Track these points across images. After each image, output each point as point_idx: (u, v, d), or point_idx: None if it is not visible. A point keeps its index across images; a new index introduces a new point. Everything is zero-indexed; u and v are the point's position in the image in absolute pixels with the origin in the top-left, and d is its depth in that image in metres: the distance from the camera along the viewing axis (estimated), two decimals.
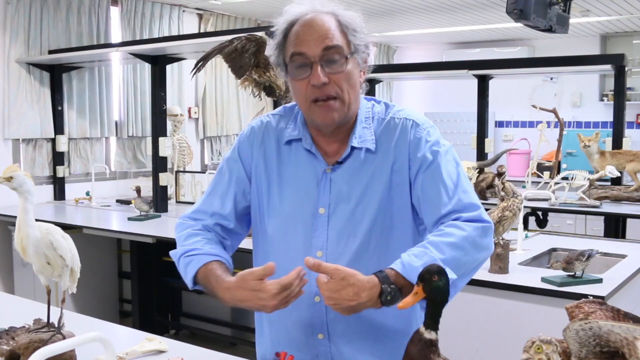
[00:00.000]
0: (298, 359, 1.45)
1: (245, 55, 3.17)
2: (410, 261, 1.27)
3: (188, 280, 1.48)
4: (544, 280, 2.49)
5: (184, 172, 5.04)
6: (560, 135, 4.97)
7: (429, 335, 1.12)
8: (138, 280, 4.32)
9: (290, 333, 1.48)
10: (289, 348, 1.46)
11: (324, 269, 1.25)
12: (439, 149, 1.42)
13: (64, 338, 1.56)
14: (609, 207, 4.40)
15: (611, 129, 4.85)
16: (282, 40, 1.38)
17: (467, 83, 5.65)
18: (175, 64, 5.38)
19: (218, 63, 6.01)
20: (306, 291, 1.39)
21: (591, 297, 1.19)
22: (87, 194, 5.01)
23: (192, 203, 4.74)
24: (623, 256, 2.98)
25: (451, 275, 1.22)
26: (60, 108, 4.94)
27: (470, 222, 1.35)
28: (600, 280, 2.50)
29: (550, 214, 4.88)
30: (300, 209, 1.43)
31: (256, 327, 1.59)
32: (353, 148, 1.42)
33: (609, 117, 5.48)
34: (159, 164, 4.49)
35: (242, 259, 1.78)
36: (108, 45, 4.96)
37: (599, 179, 4.54)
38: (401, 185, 1.40)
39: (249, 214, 1.54)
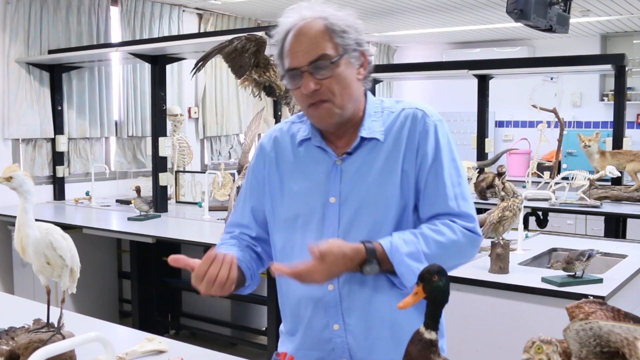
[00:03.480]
0: (315, 357, 1.47)
1: (245, 55, 3.17)
2: (399, 245, 1.35)
3: None
4: (544, 280, 2.49)
5: (184, 172, 5.05)
6: (561, 135, 4.98)
7: (429, 335, 1.12)
8: (138, 280, 4.32)
9: (307, 327, 1.49)
10: (301, 342, 1.49)
11: (322, 251, 1.31)
12: (445, 146, 1.45)
13: (64, 338, 1.56)
14: (609, 207, 4.40)
15: (611, 129, 4.85)
16: (280, 51, 1.45)
17: (467, 83, 5.66)
18: (175, 64, 5.38)
19: (218, 63, 6.01)
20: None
21: (591, 297, 1.19)
22: (87, 194, 5.01)
23: (192, 203, 4.81)
24: (623, 256, 2.98)
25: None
26: (60, 108, 4.94)
27: (465, 230, 1.40)
28: (600, 280, 2.50)
29: (550, 214, 4.88)
30: (311, 200, 1.46)
31: (283, 327, 1.60)
32: (362, 139, 1.45)
33: (609, 117, 5.48)
34: (159, 164, 4.49)
35: None
36: (108, 45, 4.96)
37: (599, 179, 4.54)
38: (409, 172, 1.43)
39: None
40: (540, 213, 4.78)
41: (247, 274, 1.51)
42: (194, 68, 3.38)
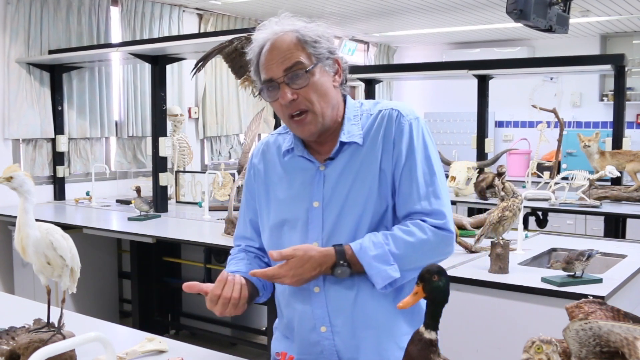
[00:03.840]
0: (305, 359, 1.49)
1: (245, 55, 3.17)
2: (367, 247, 1.39)
3: None
4: (544, 280, 2.49)
5: (184, 172, 5.05)
6: (560, 135, 4.98)
7: (429, 335, 1.12)
8: (138, 280, 4.32)
9: (296, 331, 1.52)
10: (295, 348, 1.51)
11: (285, 255, 1.38)
12: (419, 144, 1.46)
13: (64, 338, 1.57)
14: (609, 207, 4.40)
15: (611, 129, 4.85)
16: (255, 68, 1.49)
17: (467, 83, 5.66)
18: (175, 64, 5.39)
19: (218, 63, 6.01)
20: (305, 284, 1.45)
21: (591, 297, 1.19)
22: (87, 194, 5.02)
23: (192, 203, 4.81)
24: (623, 256, 2.98)
25: (394, 273, 1.38)
26: (60, 108, 4.94)
27: (435, 228, 1.42)
28: (600, 280, 2.50)
29: (550, 214, 4.89)
30: (296, 206, 1.50)
31: (278, 323, 1.64)
32: (342, 143, 1.48)
33: (609, 117, 5.48)
34: (159, 164, 4.49)
35: None
36: (108, 45, 4.96)
37: (599, 179, 4.54)
38: (387, 173, 1.46)
39: None
40: (540, 213, 4.78)
41: (258, 286, 1.55)
42: (194, 68, 3.38)
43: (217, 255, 4.19)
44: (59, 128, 4.93)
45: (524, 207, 3.34)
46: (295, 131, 1.50)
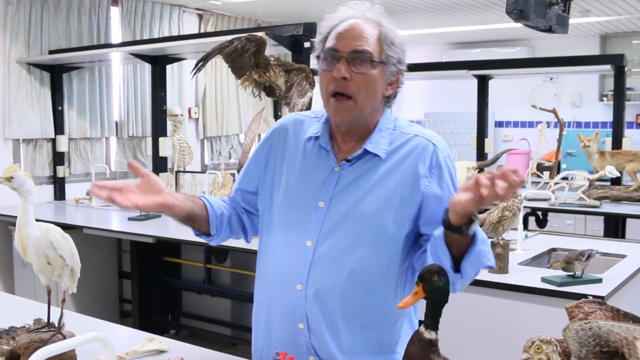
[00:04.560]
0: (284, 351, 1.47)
1: (245, 55, 3.17)
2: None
3: None
4: (543, 280, 2.49)
5: (184, 172, 5.05)
6: (560, 135, 4.98)
7: (429, 335, 1.12)
8: (138, 280, 4.31)
9: (276, 324, 1.51)
10: (276, 342, 1.50)
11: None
12: (453, 182, 1.47)
13: (64, 338, 1.57)
14: (609, 207, 4.40)
15: (611, 129, 4.86)
16: (326, 35, 1.47)
17: (467, 83, 5.66)
18: (176, 64, 5.39)
19: (218, 63, 6.02)
20: (289, 279, 1.46)
21: (591, 297, 1.19)
22: (88, 194, 5.01)
23: None
24: (623, 256, 2.98)
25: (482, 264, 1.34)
26: (60, 108, 4.94)
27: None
28: (600, 280, 2.50)
29: (550, 214, 4.89)
30: (302, 201, 1.49)
31: (253, 326, 1.62)
32: (366, 151, 1.47)
33: (609, 117, 5.48)
34: (159, 164, 4.50)
35: (244, 259, 1.78)
36: (108, 46, 4.96)
37: (599, 179, 4.54)
38: (408, 200, 1.43)
39: (255, 195, 1.62)
40: (539, 213, 4.78)
41: (212, 223, 1.57)
42: (194, 68, 3.38)
43: (217, 255, 4.19)
44: (59, 128, 4.93)
45: (524, 207, 3.34)
46: (330, 110, 1.46)
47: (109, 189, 1.40)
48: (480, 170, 4.85)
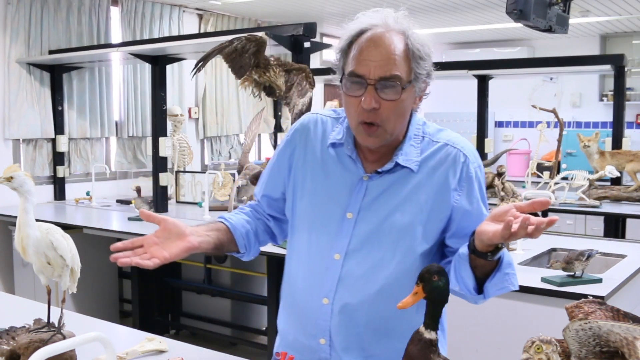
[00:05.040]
0: None
1: (245, 55, 3.17)
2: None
3: None
4: (543, 280, 2.49)
5: (184, 172, 5.04)
6: (560, 135, 4.97)
7: (428, 335, 1.12)
8: (138, 280, 4.31)
9: (296, 334, 1.48)
10: (294, 350, 1.46)
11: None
12: (484, 196, 1.43)
13: (64, 338, 1.57)
14: (609, 207, 4.40)
15: (611, 129, 4.85)
16: (346, 47, 1.37)
17: (467, 83, 5.66)
18: (176, 64, 5.38)
19: (218, 63, 6.01)
20: (316, 292, 1.42)
21: (591, 297, 1.19)
22: (88, 194, 5.02)
23: (193, 203, 4.81)
24: (623, 256, 2.98)
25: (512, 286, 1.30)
26: (60, 108, 4.94)
27: None
28: (600, 280, 2.50)
29: (550, 214, 4.86)
30: (329, 210, 1.44)
31: (278, 330, 1.60)
32: (397, 164, 1.41)
33: (609, 117, 5.48)
34: (159, 164, 4.49)
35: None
36: (108, 46, 4.96)
37: (599, 179, 4.54)
38: (437, 213, 1.39)
39: (282, 200, 1.57)
40: (539, 213, 4.77)
41: (239, 243, 1.52)
42: (194, 68, 3.37)
43: (217, 255, 4.19)
44: (59, 128, 4.93)
45: None
46: (359, 136, 1.39)
47: (131, 250, 1.35)
48: None
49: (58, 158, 4.97)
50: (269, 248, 2.04)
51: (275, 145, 6.63)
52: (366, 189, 1.42)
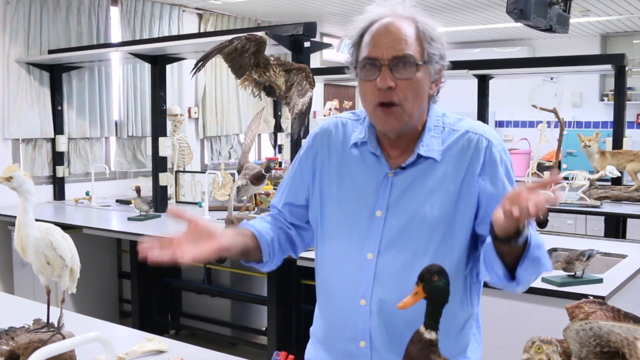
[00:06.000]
0: None
1: (245, 55, 3.17)
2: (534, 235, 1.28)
3: None
4: (544, 280, 2.48)
5: (184, 172, 5.04)
6: (561, 135, 4.97)
7: (429, 335, 1.12)
8: (138, 280, 4.31)
9: (334, 341, 1.46)
10: (331, 357, 1.46)
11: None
12: (511, 178, 1.40)
13: (64, 338, 1.56)
14: (609, 207, 4.39)
15: (611, 129, 4.85)
16: (358, 39, 1.38)
17: (467, 83, 5.65)
18: (175, 64, 5.38)
19: (218, 63, 6.01)
20: (352, 294, 1.40)
21: (591, 297, 1.19)
22: (87, 194, 5.01)
23: (192, 203, 4.81)
24: (623, 256, 2.98)
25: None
26: (60, 108, 4.94)
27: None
28: (600, 280, 2.50)
29: (550, 214, 4.88)
30: (357, 210, 1.42)
31: (310, 337, 1.58)
32: (419, 156, 1.40)
33: (609, 117, 5.47)
34: (159, 164, 4.49)
35: None
36: (108, 45, 4.96)
37: (599, 179, 4.54)
38: (467, 201, 1.38)
39: (305, 207, 1.55)
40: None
41: (264, 250, 1.49)
42: (194, 68, 3.37)
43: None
44: (58, 128, 4.93)
45: None
46: (378, 121, 1.38)
47: (162, 248, 1.32)
48: None
49: (57, 158, 4.97)
50: None
51: (275, 145, 6.65)
52: (392, 185, 1.40)
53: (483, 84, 5.18)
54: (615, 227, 4.50)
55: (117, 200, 5.00)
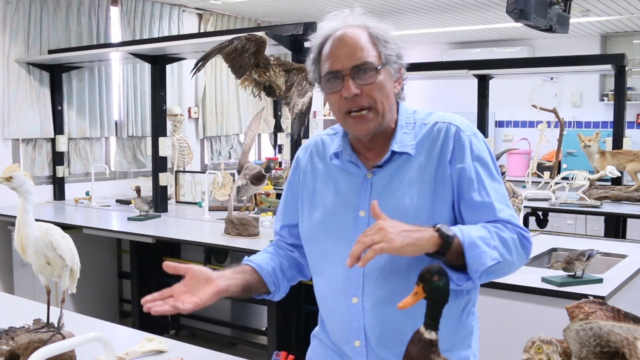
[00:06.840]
0: None
1: (245, 55, 3.17)
2: (469, 230, 1.31)
3: None
4: (544, 280, 2.49)
5: (184, 172, 5.04)
6: (561, 135, 4.97)
7: (429, 335, 1.12)
8: (138, 280, 4.31)
9: (330, 343, 1.50)
10: (329, 357, 1.49)
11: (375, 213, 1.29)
12: (483, 159, 1.42)
13: (64, 338, 1.56)
14: (609, 207, 4.40)
15: (611, 129, 4.85)
16: (317, 56, 1.43)
17: (467, 83, 5.66)
18: (175, 64, 5.38)
19: (218, 63, 6.01)
20: (343, 294, 1.43)
21: (591, 297, 1.19)
22: (87, 194, 5.01)
23: (192, 203, 4.81)
24: (623, 256, 2.98)
25: (497, 256, 1.30)
26: (60, 108, 4.94)
27: (519, 228, 1.38)
28: (600, 280, 2.50)
29: (550, 214, 4.88)
30: (342, 213, 1.46)
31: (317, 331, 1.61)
32: (393, 152, 1.44)
33: (609, 117, 5.48)
34: (159, 164, 4.49)
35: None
36: (108, 45, 4.96)
37: (599, 179, 4.54)
38: (443, 189, 1.41)
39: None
40: (540, 213, 4.78)
41: (268, 282, 1.53)
42: (194, 68, 3.38)
43: (217, 255, 4.19)
44: (58, 128, 4.93)
45: (524, 207, 3.33)
46: (350, 128, 1.43)
47: (163, 300, 1.38)
48: None
49: (57, 158, 4.97)
50: None
51: (275, 145, 6.65)
52: (372, 185, 1.44)
53: (483, 84, 5.19)
54: (615, 227, 4.50)
55: (117, 200, 5.00)
